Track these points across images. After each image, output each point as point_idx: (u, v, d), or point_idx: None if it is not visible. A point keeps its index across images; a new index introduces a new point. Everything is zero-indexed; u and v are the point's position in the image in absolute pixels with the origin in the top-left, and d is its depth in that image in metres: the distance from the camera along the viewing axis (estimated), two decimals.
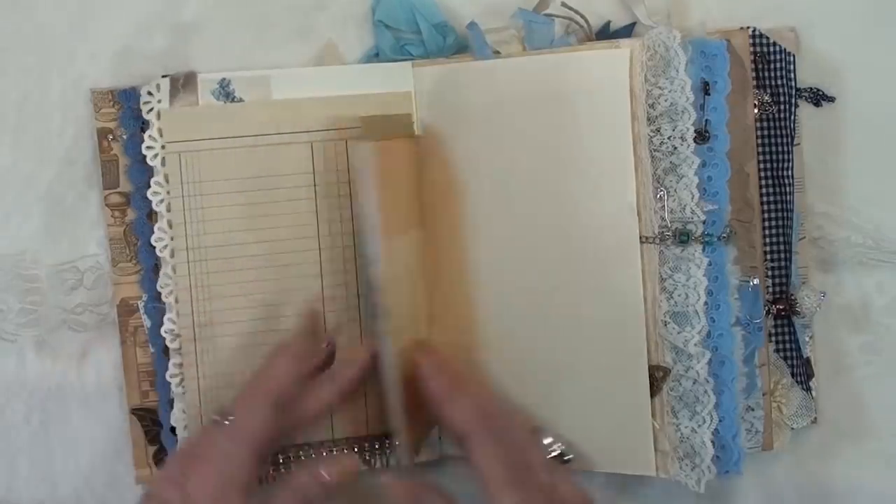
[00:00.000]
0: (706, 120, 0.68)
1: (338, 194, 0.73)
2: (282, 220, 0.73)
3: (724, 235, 0.69)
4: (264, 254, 0.73)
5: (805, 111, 0.74)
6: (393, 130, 0.71)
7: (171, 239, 0.72)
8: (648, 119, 0.68)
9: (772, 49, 0.72)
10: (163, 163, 0.72)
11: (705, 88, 0.68)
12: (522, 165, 0.71)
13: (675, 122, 0.68)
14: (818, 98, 0.74)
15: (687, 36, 0.68)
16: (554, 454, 0.68)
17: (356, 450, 0.74)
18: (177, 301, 0.72)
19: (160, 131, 0.72)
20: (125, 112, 0.73)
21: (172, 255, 0.72)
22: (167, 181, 0.72)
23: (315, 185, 0.73)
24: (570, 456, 0.68)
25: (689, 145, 0.68)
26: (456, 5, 0.75)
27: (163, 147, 0.72)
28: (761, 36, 0.72)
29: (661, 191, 0.69)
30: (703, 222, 0.68)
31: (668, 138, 0.68)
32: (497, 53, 0.71)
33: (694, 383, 0.69)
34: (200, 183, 0.72)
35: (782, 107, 0.72)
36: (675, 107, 0.68)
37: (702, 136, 0.68)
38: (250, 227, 0.73)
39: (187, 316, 0.72)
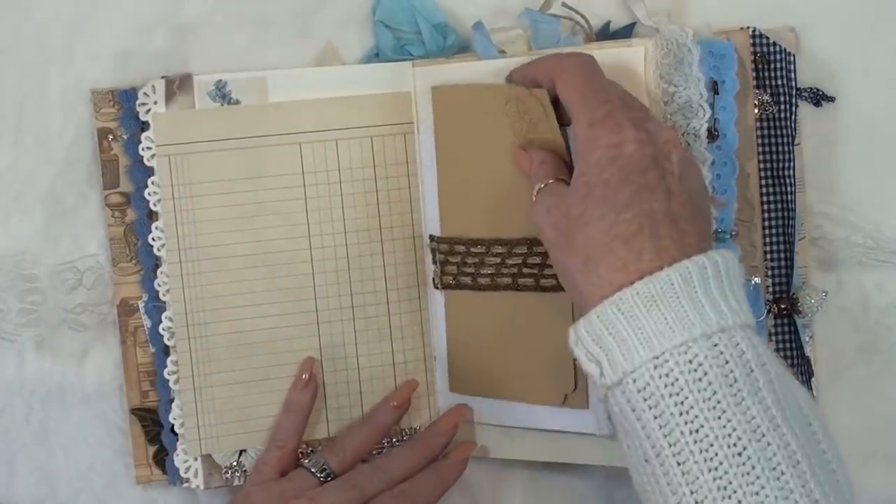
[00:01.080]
0: (715, 119, 0.68)
1: (329, 194, 0.73)
2: (274, 221, 0.73)
3: (733, 233, 0.69)
4: (256, 254, 0.73)
5: (805, 111, 0.74)
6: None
7: (167, 239, 0.72)
8: (663, 117, 0.68)
9: (772, 49, 0.72)
10: (157, 164, 0.72)
11: (714, 88, 0.68)
12: None
13: (689, 119, 0.68)
14: (818, 98, 0.74)
15: (694, 36, 0.68)
16: None
17: None
18: (171, 301, 0.73)
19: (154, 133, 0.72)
20: (125, 112, 0.73)
21: (168, 256, 0.72)
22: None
23: (305, 186, 0.73)
24: None
25: (702, 142, 0.68)
26: (456, 5, 0.74)
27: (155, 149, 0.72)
28: (761, 36, 0.72)
29: None
30: (715, 219, 0.68)
31: (683, 135, 0.68)
32: (503, 53, 0.71)
33: None
34: (191, 185, 0.72)
35: (782, 107, 0.72)
36: (689, 103, 0.68)
37: (711, 134, 0.68)
38: (242, 227, 0.73)
39: (181, 316, 0.72)
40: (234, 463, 0.74)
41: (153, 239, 0.72)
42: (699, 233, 0.58)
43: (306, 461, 0.70)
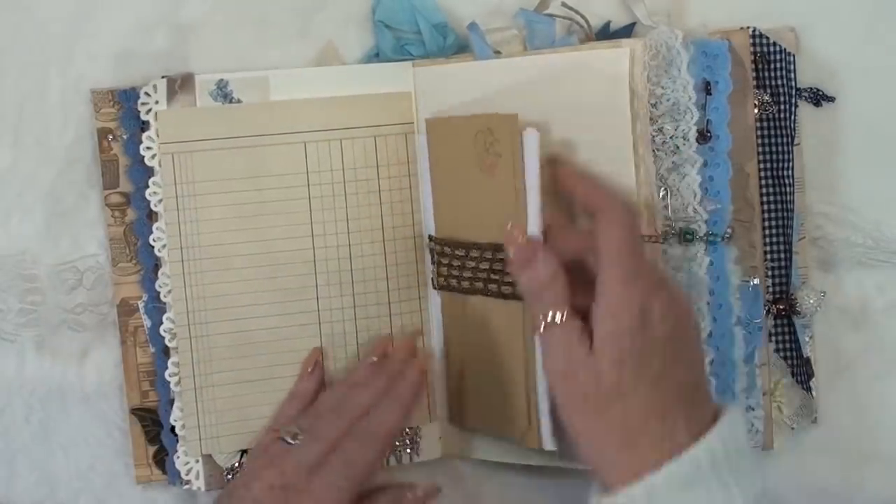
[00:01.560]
0: (708, 120, 0.68)
1: (332, 194, 0.73)
2: (276, 221, 0.73)
3: (727, 235, 0.69)
4: (259, 253, 0.73)
5: (805, 111, 0.74)
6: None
7: (169, 238, 0.72)
8: (651, 118, 0.68)
9: (772, 49, 0.72)
10: (160, 163, 0.72)
11: (707, 88, 0.68)
12: None
13: (677, 122, 0.68)
14: (818, 98, 0.74)
15: (688, 36, 0.68)
16: None
17: None
18: (173, 301, 0.72)
19: (157, 132, 0.72)
20: (125, 112, 0.73)
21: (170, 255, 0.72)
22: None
23: (309, 186, 0.73)
24: None
25: (691, 145, 0.68)
26: (456, 5, 0.74)
27: (158, 147, 0.72)
28: (761, 36, 0.72)
29: (664, 190, 0.69)
30: (706, 222, 0.68)
31: (671, 137, 0.68)
32: (498, 53, 0.71)
33: None
34: (194, 183, 0.72)
35: (782, 107, 0.72)
36: (677, 106, 0.68)
37: (703, 135, 0.68)
38: (245, 227, 0.73)
39: (182, 315, 0.72)
40: (236, 464, 0.73)
41: (154, 239, 0.72)
42: (710, 396, 0.60)
43: (280, 429, 0.69)
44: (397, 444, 0.75)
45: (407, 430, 0.75)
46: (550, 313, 0.62)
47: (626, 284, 0.60)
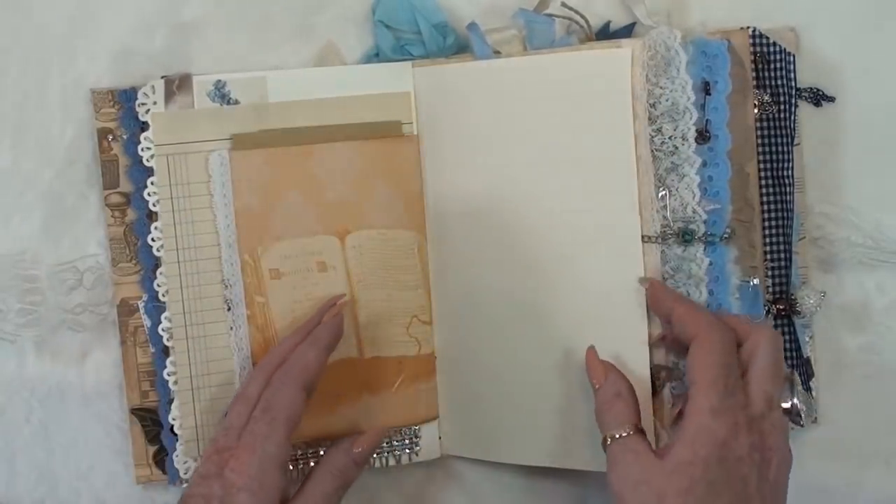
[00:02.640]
0: (707, 120, 0.68)
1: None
2: None
3: (726, 236, 0.69)
4: None
5: (805, 111, 0.74)
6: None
7: (165, 240, 0.72)
8: (650, 119, 0.68)
9: (772, 49, 0.72)
10: (155, 165, 0.72)
11: (706, 88, 0.68)
12: (523, 165, 0.71)
13: (676, 122, 0.68)
14: (818, 98, 0.74)
15: (688, 36, 0.68)
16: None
17: None
18: (170, 301, 0.73)
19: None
20: (125, 112, 0.73)
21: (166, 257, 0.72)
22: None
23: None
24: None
25: (690, 145, 0.68)
26: (456, 5, 0.75)
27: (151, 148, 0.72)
28: (761, 36, 0.72)
29: (663, 190, 0.69)
30: (705, 222, 0.68)
31: (670, 138, 0.68)
32: (497, 53, 0.71)
33: None
34: (189, 185, 0.72)
35: (782, 107, 0.72)
36: (676, 106, 0.68)
37: (702, 135, 0.68)
38: None
39: (179, 316, 0.72)
40: None
41: (153, 239, 0.72)
42: None
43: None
44: (396, 443, 0.75)
45: (406, 430, 0.75)
46: (615, 432, 0.64)
47: (712, 416, 0.60)
